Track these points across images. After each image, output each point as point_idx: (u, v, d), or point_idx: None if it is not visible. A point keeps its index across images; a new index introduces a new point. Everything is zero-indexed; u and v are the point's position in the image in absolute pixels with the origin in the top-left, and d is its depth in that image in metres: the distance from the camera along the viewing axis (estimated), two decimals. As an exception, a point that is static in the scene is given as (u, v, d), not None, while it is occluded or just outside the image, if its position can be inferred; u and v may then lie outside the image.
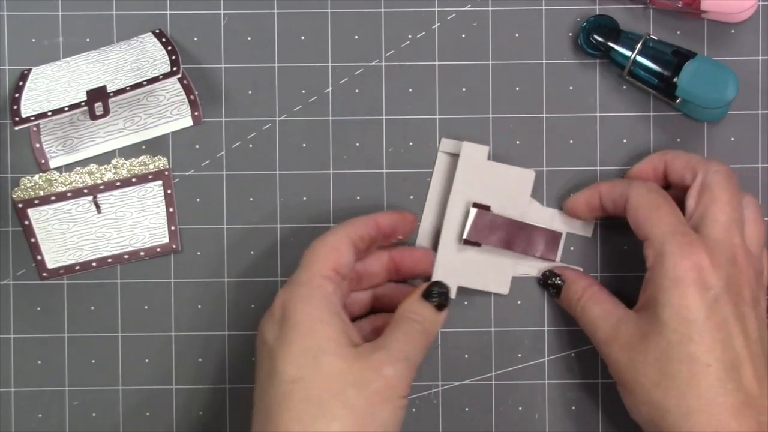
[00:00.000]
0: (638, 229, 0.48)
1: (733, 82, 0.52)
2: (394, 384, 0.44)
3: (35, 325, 0.56)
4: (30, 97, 0.54)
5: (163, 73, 0.53)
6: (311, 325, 0.45)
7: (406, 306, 0.49)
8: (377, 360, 0.44)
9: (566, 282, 0.52)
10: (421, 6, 0.56)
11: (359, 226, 0.49)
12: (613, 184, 0.51)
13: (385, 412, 0.44)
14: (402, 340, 0.46)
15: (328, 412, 0.43)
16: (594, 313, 0.49)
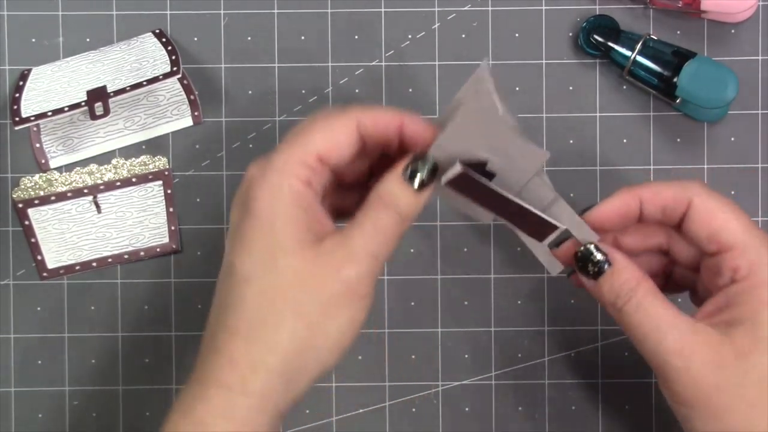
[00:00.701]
0: (715, 236, 0.41)
1: (733, 82, 0.52)
2: (354, 287, 0.39)
3: (35, 325, 0.56)
4: (30, 97, 0.54)
5: (163, 73, 0.53)
6: (272, 220, 0.39)
7: (381, 185, 0.41)
8: (338, 260, 0.39)
9: (615, 264, 0.42)
10: (421, 6, 0.56)
11: (375, 122, 0.41)
12: (658, 187, 0.43)
13: (342, 318, 0.39)
14: (370, 232, 0.40)
15: (278, 318, 0.39)
16: (658, 314, 0.40)
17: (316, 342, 0.39)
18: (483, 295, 0.56)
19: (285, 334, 0.39)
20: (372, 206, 0.40)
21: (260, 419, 0.39)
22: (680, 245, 0.44)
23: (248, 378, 0.38)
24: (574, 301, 0.56)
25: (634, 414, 0.55)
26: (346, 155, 0.41)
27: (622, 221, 0.43)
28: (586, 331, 0.56)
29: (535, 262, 0.56)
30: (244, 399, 0.38)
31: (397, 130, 0.41)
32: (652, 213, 0.43)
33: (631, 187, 0.43)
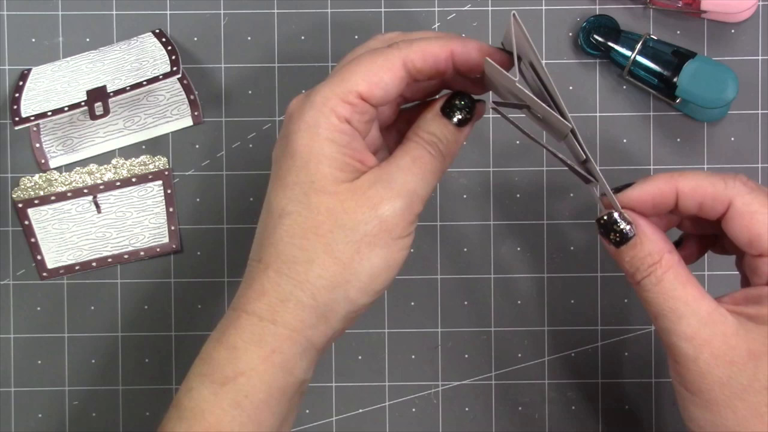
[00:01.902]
0: (755, 241, 0.39)
1: (733, 82, 0.52)
2: (390, 226, 0.39)
3: (35, 325, 0.56)
4: (30, 97, 0.54)
5: (163, 73, 0.53)
6: (307, 157, 0.39)
7: (420, 123, 0.40)
8: (373, 197, 0.39)
9: (639, 235, 0.40)
10: (421, 6, 0.56)
11: (422, 54, 0.40)
12: (699, 180, 0.40)
13: (376, 257, 0.39)
14: (409, 168, 0.39)
15: (309, 254, 0.39)
16: (676, 294, 0.39)
17: (346, 280, 0.39)
18: (483, 295, 0.56)
19: (315, 270, 0.39)
20: (411, 142, 0.40)
21: (291, 348, 0.39)
22: None
23: (278, 308, 0.39)
24: (574, 301, 0.56)
25: (634, 414, 0.55)
26: (391, 93, 0.40)
27: (655, 209, 0.41)
28: (586, 331, 0.56)
29: (535, 262, 0.56)
30: (274, 327, 0.39)
31: (448, 60, 0.40)
32: (688, 207, 0.40)
33: (669, 174, 0.40)
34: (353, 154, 0.40)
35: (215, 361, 0.40)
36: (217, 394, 0.39)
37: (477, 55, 0.40)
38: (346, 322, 0.40)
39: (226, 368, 0.39)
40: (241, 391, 0.39)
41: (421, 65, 0.40)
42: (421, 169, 0.39)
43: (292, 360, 0.39)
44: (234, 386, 0.39)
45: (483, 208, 0.56)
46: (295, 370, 0.40)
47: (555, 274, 0.56)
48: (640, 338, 0.55)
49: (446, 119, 0.40)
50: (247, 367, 0.39)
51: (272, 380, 0.39)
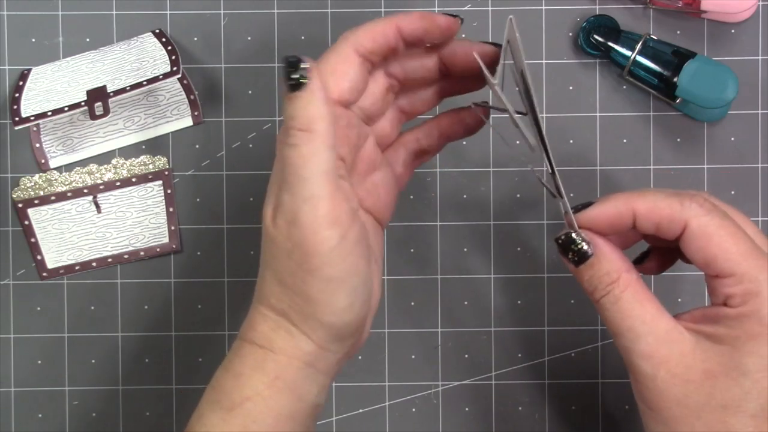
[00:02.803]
0: (711, 263, 0.39)
1: (733, 82, 0.52)
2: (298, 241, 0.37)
3: (35, 325, 0.56)
4: (30, 97, 0.54)
5: (163, 73, 0.53)
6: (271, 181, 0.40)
7: None
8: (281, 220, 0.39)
9: (597, 255, 0.40)
10: (421, 6, 0.56)
11: (370, 34, 0.40)
12: (656, 201, 0.40)
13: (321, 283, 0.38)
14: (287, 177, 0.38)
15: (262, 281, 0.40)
16: (633, 313, 0.39)
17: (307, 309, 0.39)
18: (483, 295, 0.56)
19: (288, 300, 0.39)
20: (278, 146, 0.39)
21: (294, 374, 0.39)
22: None
23: (272, 337, 0.39)
24: (574, 301, 0.56)
25: (633, 414, 0.55)
26: (356, 84, 0.40)
27: (613, 229, 0.41)
28: (586, 331, 0.56)
29: (535, 262, 0.56)
30: (273, 355, 0.39)
31: (396, 35, 0.40)
32: (645, 227, 0.40)
33: (627, 195, 0.40)
34: None
35: (223, 389, 0.40)
36: (226, 420, 0.39)
37: (420, 23, 0.40)
38: (342, 343, 0.40)
39: (233, 394, 0.40)
40: (249, 417, 0.39)
41: (371, 45, 0.40)
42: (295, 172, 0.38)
43: (297, 385, 0.40)
44: (241, 411, 0.39)
45: (483, 208, 0.56)
46: (304, 396, 0.40)
47: (555, 274, 0.56)
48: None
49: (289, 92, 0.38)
50: (252, 392, 0.39)
51: (279, 406, 0.39)
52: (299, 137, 0.37)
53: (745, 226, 0.40)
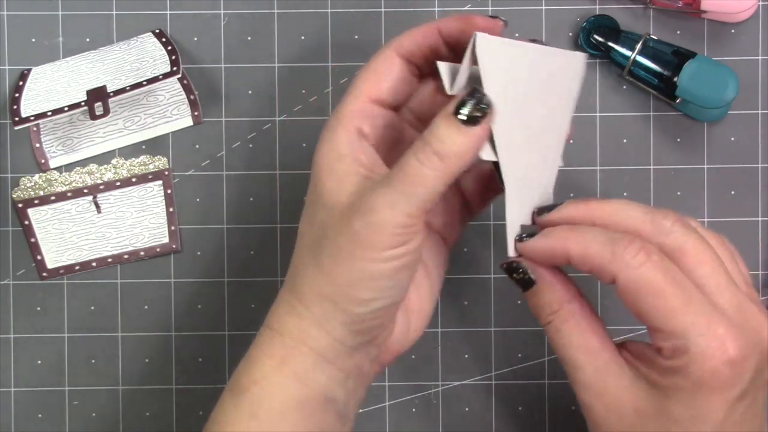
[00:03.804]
0: (641, 317, 0.38)
1: (733, 82, 0.52)
2: (363, 239, 0.37)
3: (35, 325, 0.56)
4: (30, 97, 0.54)
5: (163, 73, 0.53)
6: (316, 177, 0.40)
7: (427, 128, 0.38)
8: (353, 209, 0.38)
9: (539, 284, 0.41)
10: (421, 6, 0.56)
11: (410, 35, 0.41)
12: (588, 247, 0.39)
13: (352, 269, 0.38)
14: (392, 179, 0.37)
15: (303, 270, 0.40)
16: (573, 344, 0.40)
17: (331, 292, 0.39)
18: (483, 295, 0.56)
19: (307, 282, 0.39)
20: (408, 150, 0.38)
21: (300, 359, 0.39)
22: None
23: (284, 320, 0.40)
24: (574, 301, 0.56)
25: (634, 414, 0.55)
26: (397, 85, 0.41)
27: (551, 264, 0.41)
28: (586, 331, 0.56)
29: (535, 262, 0.56)
30: (281, 338, 0.40)
31: (435, 35, 0.41)
32: (581, 269, 0.39)
33: (565, 232, 0.40)
34: (360, 165, 0.40)
35: (237, 373, 0.41)
36: (236, 404, 0.40)
37: (457, 24, 0.40)
38: (354, 338, 0.40)
39: (243, 378, 0.40)
40: (256, 401, 0.39)
41: (411, 45, 0.41)
42: (406, 181, 0.37)
43: (303, 371, 0.39)
44: (249, 396, 0.40)
45: (483, 208, 0.56)
46: (309, 382, 0.40)
47: (555, 274, 0.56)
48: (640, 338, 0.55)
49: (453, 117, 0.37)
50: (260, 375, 0.40)
51: (286, 390, 0.39)
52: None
53: (724, 258, 0.39)
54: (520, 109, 0.40)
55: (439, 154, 0.37)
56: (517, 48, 0.39)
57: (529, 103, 0.40)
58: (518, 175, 0.40)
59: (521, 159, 0.40)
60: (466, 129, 0.37)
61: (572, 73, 0.42)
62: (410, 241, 0.38)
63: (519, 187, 0.40)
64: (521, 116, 0.40)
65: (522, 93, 0.40)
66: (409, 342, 0.43)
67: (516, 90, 0.39)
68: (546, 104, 0.41)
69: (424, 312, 0.43)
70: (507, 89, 0.39)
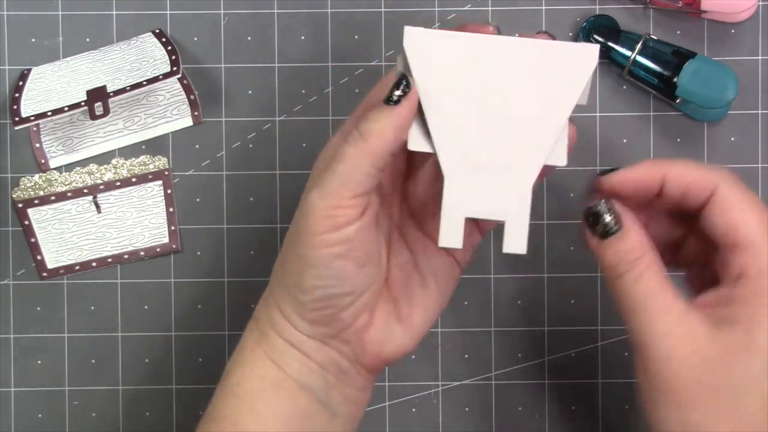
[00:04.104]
0: (732, 231, 0.39)
1: (733, 82, 0.52)
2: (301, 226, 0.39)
3: (35, 325, 0.56)
4: (30, 97, 0.54)
5: (163, 73, 0.53)
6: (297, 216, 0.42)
7: None
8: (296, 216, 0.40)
9: (627, 228, 0.39)
10: (421, 6, 0.56)
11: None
12: (686, 167, 0.40)
13: (292, 254, 0.40)
14: (330, 164, 0.39)
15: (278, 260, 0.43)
16: (654, 292, 0.39)
17: (282, 280, 0.41)
18: (483, 295, 0.56)
19: (273, 272, 0.42)
20: None
21: (270, 342, 0.42)
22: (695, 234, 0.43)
23: (260, 308, 0.43)
24: (574, 301, 0.56)
25: (633, 414, 0.55)
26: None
27: (640, 193, 0.41)
28: (586, 331, 0.56)
29: (535, 262, 0.56)
30: (255, 323, 0.43)
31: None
32: (672, 192, 0.40)
33: (657, 160, 0.41)
34: None
35: (227, 363, 0.44)
36: (222, 386, 0.43)
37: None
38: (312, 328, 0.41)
39: (229, 364, 0.43)
40: (234, 381, 0.42)
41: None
42: (333, 163, 0.39)
43: (276, 355, 0.41)
44: (230, 378, 0.42)
45: (483, 208, 0.56)
46: (283, 366, 0.41)
47: (555, 274, 0.56)
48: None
49: (381, 102, 0.39)
50: (239, 359, 0.43)
51: (261, 370, 0.42)
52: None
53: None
54: (473, 101, 0.39)
55: (362, 133, 0.38)
56: (462, 39, 0.39)
57: (490, 95, 0.39)
58: (464, 166, 0.40)
59: (472, 150, 0.39)
60: (386, 108, 0.38)
61: (575, 67, 0.40)
62: (343, 228, 0.38)
63: (464, 178, 0.40)
64: (475, 107, 0.39)
65: (479, 85, 0.39)
66: (397, 350, 0.43)
67: (467, 82, 0.39)
68: (525, 98, 0.39)
69: (416, 325, 0.43)
70: (449, 80, 0.39)
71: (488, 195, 0.40)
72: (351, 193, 0.38)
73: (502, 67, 0.39)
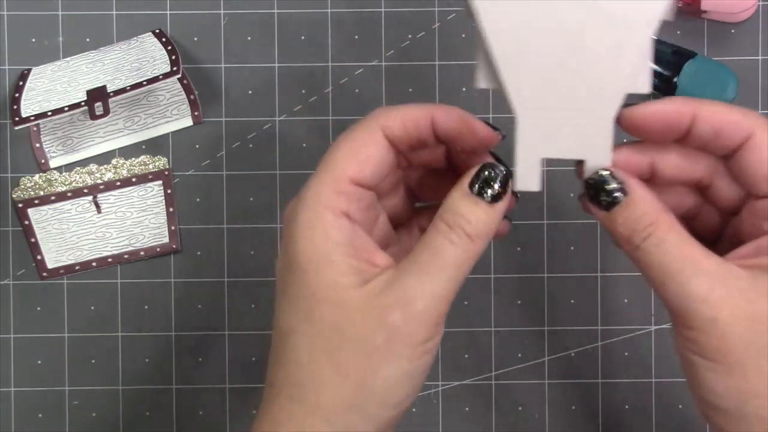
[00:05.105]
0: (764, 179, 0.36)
1: (733, 82, 0.52)
2: (404, 335, 0.34)
3: (35, 325, 0.56)
4: (30, 97, 0.54)
5: (163, 73, 0.53)
6: (306, 266, 0.36)
7: (444, 205, 0.36)
8: (383, 304, 0.34)
9: (632, 194, 0.36)
10: (421, 6, 0.56)
11: (401, 120, 0.37)
12: (719, 107, 0.36)
13: (392, 370, 0.35)
14: (426, 265, 0.35)
15: (317, 376, 0.35)
16: (682, 253, 0.35)
17: (361, 399, 0.35)
18: (483, 295, 0.56)
19: (326, 393, 0.35)
20: (431, 231, 0.36)
21: None
22: (723, 181, 0.38)
23: None
24: (574, 301, 0.56)
25: (634, 414, 0.55)
26: (382, 168, 0.37)
27: (666, 131, 0.37)
28: (586, 331, 0.56)
29: (535, 261, 0.56)
30: None
31: (428, 127, 0.37)
32: (703, 133, 0.36)
33: (687, 98, 0.37)
34: (358, 254, 0.36)
35: None
36: None
37: (458, 125, 0.37)
38: None
39: None
40: None
41: (401, 132, 0.37)
42: (442, 266, 0.35)
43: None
44: None
45: (483, 208, 0.56)
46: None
47: (555, 274, 0.56)
48: (640, 338, 0.55)
49: (476, 196, 0.36)
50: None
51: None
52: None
53: None
54: (546, 32, 0.36)
55: (470, 235, 0.35)
56: None
57: (564, 24, 0.35)
58: (538, 103, 0.36)
59: (546, 86, 0.36)
60: (488, 207, 0.36)
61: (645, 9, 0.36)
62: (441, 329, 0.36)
63: (538, 117, 0.37)
64: (548, 39, 0.35)
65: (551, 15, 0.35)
66: None
67: (537, 13, 0.35)
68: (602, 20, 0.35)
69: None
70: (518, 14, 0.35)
71: (566, 133, 0.37)
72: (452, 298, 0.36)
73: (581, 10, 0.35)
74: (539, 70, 0.36)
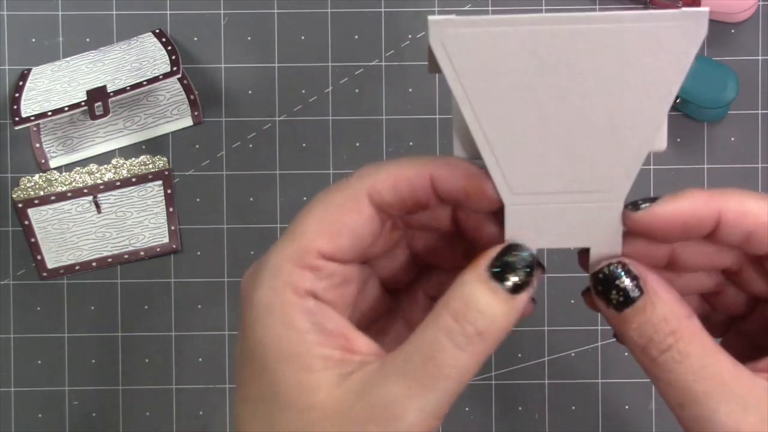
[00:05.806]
0: None
1: (733, 82, 0.52)
2: None
3: (35, 325, 0.56)
4: (30, 97, 0.54)
5: (163, 73, 0.53)
6: (265, 361, 0.29)
7: (453, 289, 0.28)
8: (359, 414, 0.27)
9: (649, 294, 0.29)
10: (421, 6, 0.56)
11: (392, 181, 0.29)
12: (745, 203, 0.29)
13: None
14: (421, 372, 0.27)
15: None
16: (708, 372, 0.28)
17: None
18: (483, 295, 0.56)
19: None
20: (432, 326, 0.28)
21: None
22: (756, 270, 0.32)
23: None
24: (574, 301, 0.56)
25: (634, 414, 0.55)
26: (362, 241, 0.30)
27: (683, 236, 0.30)
28: (586, 331, 0.56)
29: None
30: None
31: (427, 189, 0.30)
32: (731, 238, 0.29)
33: (708, 192, 0.29)
34: (329, 341, 0.29)
35: None
36: None
37: (463, 183, 0.29)
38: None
39: None
40: None
41: (392, 197, 0.29)
42: (440, 377, 0.27)
43: None
44: None
45: (483, 208, 0.56)
46: None
47: (555, 274, 0.56)
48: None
49: (494, 282, 0.28)
50: None
51: None
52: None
53: None
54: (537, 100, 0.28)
55: (482, 333, 0.28)
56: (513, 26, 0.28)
57: (560, 90, 0.28)
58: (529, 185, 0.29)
59: (539, 165, 0.29)
60: (508, 298, 0.28)
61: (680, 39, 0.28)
62: None
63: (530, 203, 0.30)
64: (539, 107, 0.28)
65: (543, 79, 0.28)
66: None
67: (525, 77, 0.28)
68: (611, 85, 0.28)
69: None
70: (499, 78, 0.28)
71: (565, 219, 0.31)
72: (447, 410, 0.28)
73: (573, 53, 0.28)
74: (530, 147, 0.29)
